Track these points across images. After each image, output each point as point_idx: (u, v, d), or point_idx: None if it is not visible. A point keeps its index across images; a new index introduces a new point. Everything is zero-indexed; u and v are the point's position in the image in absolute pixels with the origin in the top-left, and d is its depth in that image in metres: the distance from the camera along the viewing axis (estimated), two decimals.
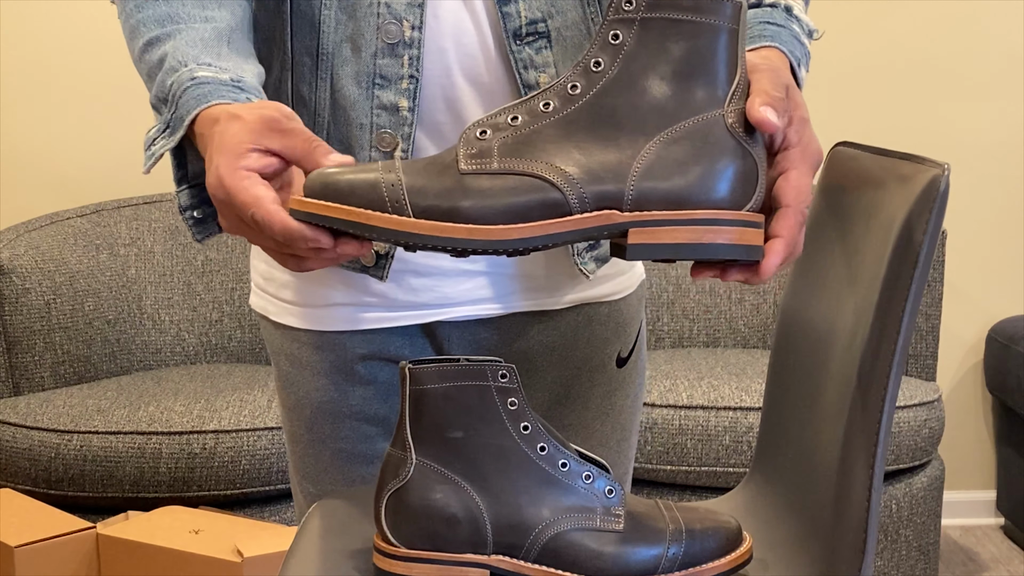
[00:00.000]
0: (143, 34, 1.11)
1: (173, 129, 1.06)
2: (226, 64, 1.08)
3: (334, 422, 1.29)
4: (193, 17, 1.11)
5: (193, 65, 1.06)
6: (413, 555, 1.03)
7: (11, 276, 2.73)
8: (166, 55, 1.08)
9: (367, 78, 1.18)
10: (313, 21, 1.19)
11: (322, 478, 1.32)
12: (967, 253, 3.22)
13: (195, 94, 1.04)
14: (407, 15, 1.17)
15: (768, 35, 1.06)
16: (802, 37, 1.09)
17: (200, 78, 1.05)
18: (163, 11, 1.11)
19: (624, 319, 1.34)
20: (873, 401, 0.98)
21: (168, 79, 1.07)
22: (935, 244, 0.96)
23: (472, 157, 0.94)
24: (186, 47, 1.08)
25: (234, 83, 1.05)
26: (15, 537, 2.25)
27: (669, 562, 1.02)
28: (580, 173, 0.92)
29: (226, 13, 1.13)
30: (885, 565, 2.69)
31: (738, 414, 2.58)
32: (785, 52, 1.05)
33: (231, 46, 1.11)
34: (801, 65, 1.07)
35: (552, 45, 1.20)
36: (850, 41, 3.17)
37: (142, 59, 1.11)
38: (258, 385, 2.66)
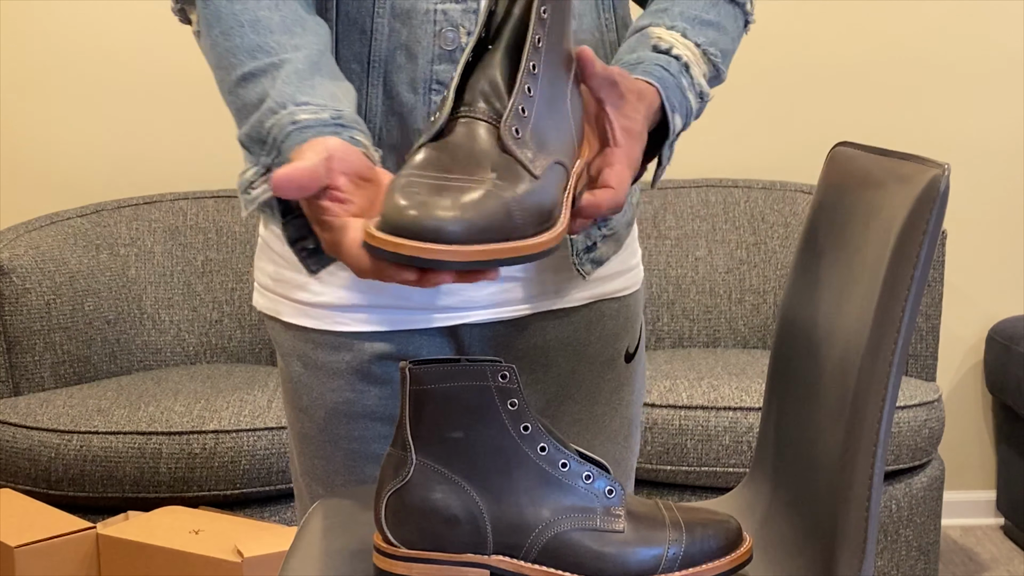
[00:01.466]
0: (236, 67, 1.11)
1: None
2: (322, 97, 1.07)
3: (349, 423, 1.29)
4: (283, 47, 1.10)
5: (292, 107, 1.06)
6: (413, 555, 1.03)
7: (11, 276, 2.73)
8: (265, 95, 1.08)
9: (424, 84, 1.19)
10: (364, 28, 1.19)
11: (333, 479, 1.32)
12: (967, 253, 3.22)
13: (299, 139, 1.03)
14: (463, 21, 1.19)
15: (655, 76, 1.13)
16: (688, 92, 1.16)
17: (301, 122, 1.04)
18: (252, 41, 1.11)
19: (632, 314, 1.37)
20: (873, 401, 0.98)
21: (267, 121, 1.06)
22: (935, 244, 0.96)
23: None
24: (283, 86, 1.07)
25: (335, 121, 1.05)
26: (15, 537, 2.25)
27: (669, 562, 1.02)
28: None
29: (312, 38, 1.13)
30: (885, 565, 2.69)
31: (738, 414, 2.58)
32: (661, 95, 1.12)
33: (323, 72, 1.11)
34: (675, 112, 1.13)
35: None
36: (850, 41, 3.17)
37: (235, 92, 1.11)
38: (258, 385, 2.66)
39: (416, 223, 0.87)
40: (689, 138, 3.26)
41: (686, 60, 1.16)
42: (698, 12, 1.21)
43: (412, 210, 0.87)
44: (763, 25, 3.16)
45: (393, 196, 0.89)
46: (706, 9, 1.22)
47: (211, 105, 3.11)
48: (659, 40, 1.17)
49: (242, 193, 1.08)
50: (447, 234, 0.86)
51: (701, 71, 1.18)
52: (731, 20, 1.25)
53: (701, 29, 1.20)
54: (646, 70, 1.13)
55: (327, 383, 1.29)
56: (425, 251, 0.86)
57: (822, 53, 3.19)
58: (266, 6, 1.13)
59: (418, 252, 0.86)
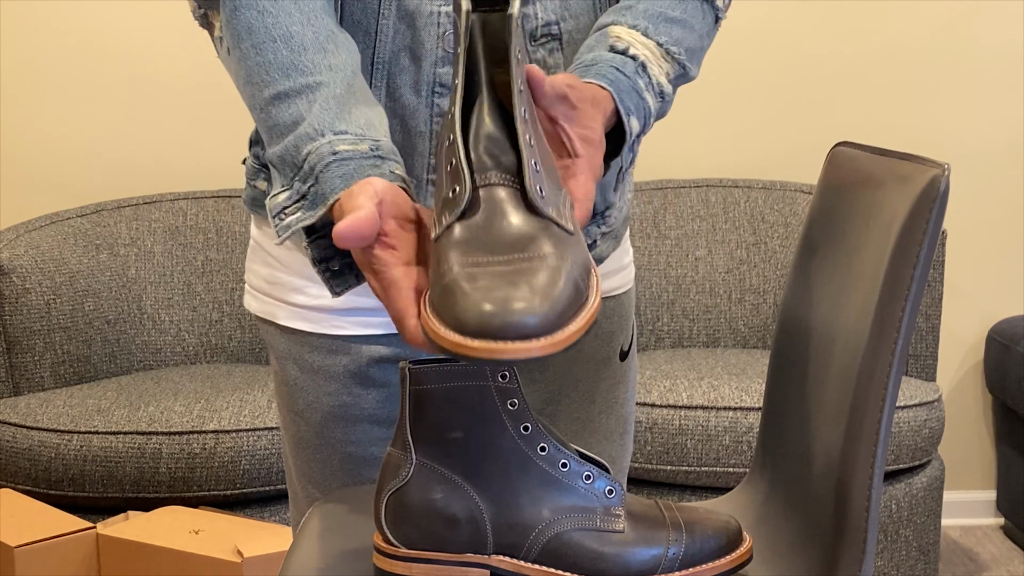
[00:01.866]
0: (268, 84, 1.09)
1: (313, 204, 1.03)
2: (359, 124, 1.06)
3: (346, 426, 1.29)
4: (318, 66, 1.09)
5: (331, 136, 1.05)
6: (413, 555, 1.03)
7: (11, 276, 2.73)
8: (300, 118, 1.07)
9: (427, 86, 1.19)
10: (369, 30, 1.19)
11: (329, 483, 1.31)
12: (967, 253, 3.22)
13: (339, 172, 1.02)
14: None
15: (608, 79, 1.11)
16: (645, 93, 1.13)
17: (342, 153, 1.03)
18: (286, 59, 1.09)
19: (625, 312, 1.38)
20: (873, 401, 0.98)
21: (304, 147, 1.05)
22: (935, 244, 0.96)
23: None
24: (321, 112, 1.06)
25: (374, 153, 1.04)
26: (15, 537, 2.25)
27: (669, 562, 1.02)
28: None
29: (345, 56, 1.11)
30: (885, 565, 2.69)
31: (738, 414, 2.58)
32: (614, 97, 1.10)
33: (358, 96, 1.09)
34: (631, 115, 1.11)
35: (564, 47, 1.23)
36: (850, 41, 3.17)
37: (267, 111, 1.09)
38: (258, 385, 2.66)
39: (501, 323, 0.81)
40: (689, 138, 3.28)
41: (643, 59, 1.15)
42: (663, 9, 1.19)
43: (489, 305, 0.82)
44: (763, 25, 3.17)
45: (462, 292, 0.83)
46: (671, 6, 1.20)
47: (211, 105, 3.12)
48: (616, 39, 1.15)
49: (273, 217, 1.06)
50: (533, 329, 0.81)
51: (662, 70, 1.17)
52: (698, 17, 1.22)
53: (665, 27, 1.18)
54: (600, 72, 1.12)
55: (323, 387, 1.28)
56: (517, 351, 0.82)
57: (822, 53, 3.19)
58: (298, 21, 1.11)
59: (511, 354, 0.81)
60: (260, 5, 1.11)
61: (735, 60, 3.18)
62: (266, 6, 1.11)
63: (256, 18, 1.11)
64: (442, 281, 0.85)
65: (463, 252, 0.87)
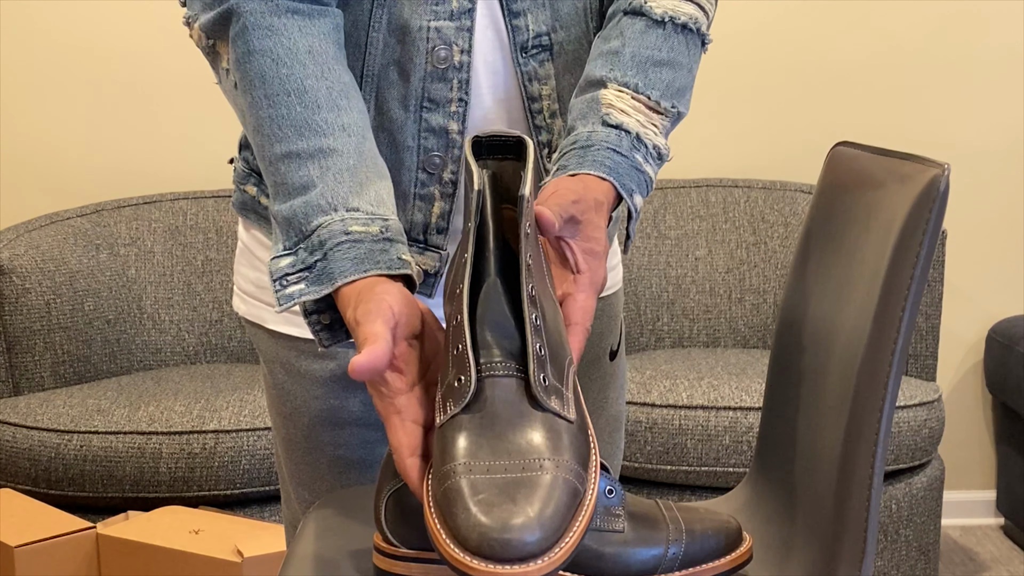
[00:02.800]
0: (281, 140, 1.08)
1: (319, 279, 1.03)
2: (371, 200, 1.05)
3: (333, 430, 1.29)
4: (331, 127, 1.08)
5: (344, 213, 1.04)
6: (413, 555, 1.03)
7: (11, 276, 2.73)
8: (311, 184, 1.06)
9: (415, 101, 1.19)
10: (359, 42, 1.18)
11: (319, 486, 1.31)
12: (967, 253, 3.22)
13: (351, 255, 1.02)
14: (456, 39, 1.18)
15: (609, 165, 1.11)
16: (644, 166, 1.14)
17: (354, 234, 1.03)
18: (300, 116, 1.08)
19: (614, 313, 1.39)
20: (873, 401, 0.98)
21: (314, 218, 1.04)
22: (935, 244, 0.96)
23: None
24: (335, 183, 1.05)
25: (383, 235, 1.03)
26: (15, 537, 2.25)
27: (669, 562, 1.02)
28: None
29: (356, 114, 1.10)
30: (885, 565, 2.69)
31: (738, 414, 2.58)
32: (616, 186, 1.11)
33: (368, 164, 1.08)
34: (634, 194, 1.13)
35: (554, 58, 1.23)
36: (850, 41, 3.17)
37: (276, 167, 1.08)
38: (258, 385, 2.66)
39: (501, 543, 0.84)
40: (689, 138, 3.27)
41: (637, 132, 1.14)
42: (650, 52, 1.18)
43: (489, 522, 0.84)
44: (763, 25, 3.17)
45: (463, 505, 0.86)
46: (658, 46, 1.18)
47: (211, 105, 3.12)
48: (608, 110, 1.15)
49: (274, 281, 1.05)
50: (532, 547, 0.84)
51: (657, 130, 1.16)
52: (684, 52, 1.20)
53: (655, 74, 1.18)
54: (596, 159, 1.12)
55: (311, 391, 1.28)
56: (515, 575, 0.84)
57: (822, 53, 3.19)
58: (313, 74, 1.09)
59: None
60: (275, 53, 1.09)
61: (735, 60, 3.18)
62: (281, 55, 1.09)
63: (270, 67, 1.09)
64: (446, 481, 0.87)
65: (467, 451, 0.89)
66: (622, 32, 1.19)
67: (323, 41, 1.11)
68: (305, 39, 1.10)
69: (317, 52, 1.10)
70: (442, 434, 0.91)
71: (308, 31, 1.11)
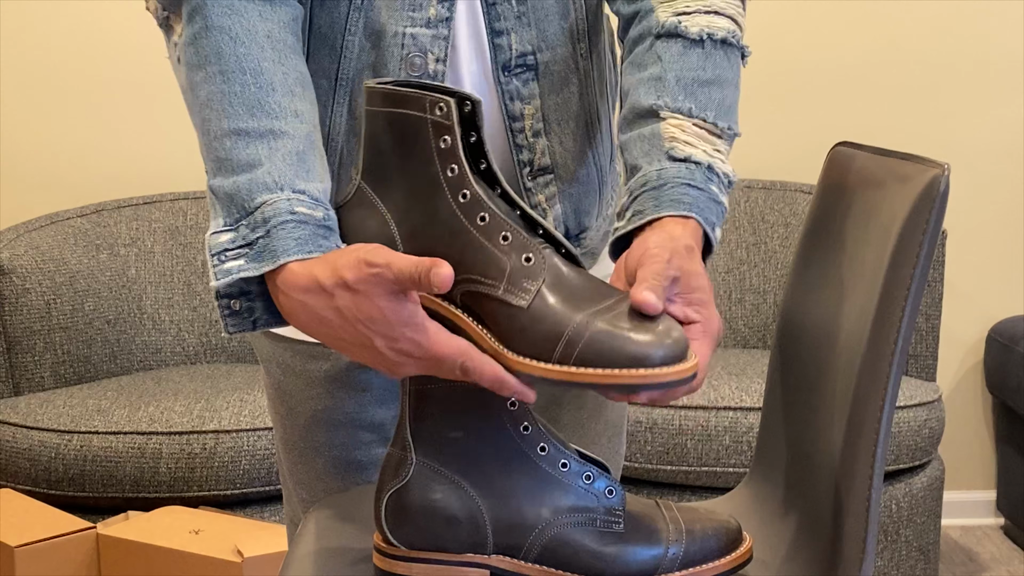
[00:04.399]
0: (230, 116, 1.07)
1: (259, 256, 1.02)
2: (317, 189, 1.05)
3: (328, 430, 1.28)
4: (284, 111, 1.07)
5: (290, 193, 1.03)
6: (413, 555, 1.03)
7: (11, 276, 2.73)
8: (258, 163, 1.05)
9: None
10: (335, 45, 1.17)
11: (316, 485, 1.31)
12: (967, 253, 3.22)
13: (295, 235, 1.01)
14: (432, 47, 1.17)
15: (687, 202, 1.08)
16: (720, 196, 1.11)
17: (300, 215, 1.02)
18: (253, 96, 1.07)
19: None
20: (873, 401, 0.98)
21: (259, 195, 1.03)
22: (935, 244, 0.96)
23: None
24: (283, 165, 1.05)
25: (325, 223, 1.03)
26: (15, 537, 2.25)
27: (669, 562, 1.02)
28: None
29: (308, 104, 1.10)
30: (885, 565, 2.69)
31: (738, 414, 2.58)
32: (700, 221, 1.08)
33: (317, 154, 1.08)
34: (716, 227, 1.11)
35: (539, 78, 1.22)
36: (850, 41, 3.17)
37: (221, 141, 1.07)
38: (258, 385, 2.66)
39: (678, 350, 0.93)
40: None
41: (708, 163, 1.11)
42: (694, 73, 1.14)
43: (656, 338, 0.93)
44: (763, 25, 3.17)
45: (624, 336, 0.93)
46: (701, 66, 1.15)
47: None
48: (673, 144, 1.11)
49: (212, 255, 1.04)
50: (687, 349, 0.95)
51: (721, 154, 1.13)
52: (727, 67, 1.17)
53: (704, 96, 1.14)
54: (673, 197, 1.08)
55: (306, 391, 1.28)
56: (691, 367, 0.94)
57: (822, 53, 3.19)
58: (270, 57, 1.09)
59: (691, 370, 0.94)
60: (234, 31, 1.09)
61: None
62: (239, 34, 1.08)
63: (228, 44, 1.08)
64: (584, 333, 0.93)
65: (578, 307, 0.96)
66: (659, 57, 1.15)
67: (282, 30, 1.11)
68: (265, 24, 1.10)
69: (275, 38, 1.10)
70: (544, 306, 0.95)
71: (268, 17, 1.10)
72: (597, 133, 1.28)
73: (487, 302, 0.97)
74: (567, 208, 1.26)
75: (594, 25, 1.26)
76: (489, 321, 0.98)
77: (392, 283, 0.96)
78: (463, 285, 0.98)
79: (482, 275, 0.97)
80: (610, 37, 1.32)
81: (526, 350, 0.95)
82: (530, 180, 1.23)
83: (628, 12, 1.21)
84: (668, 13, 1.17)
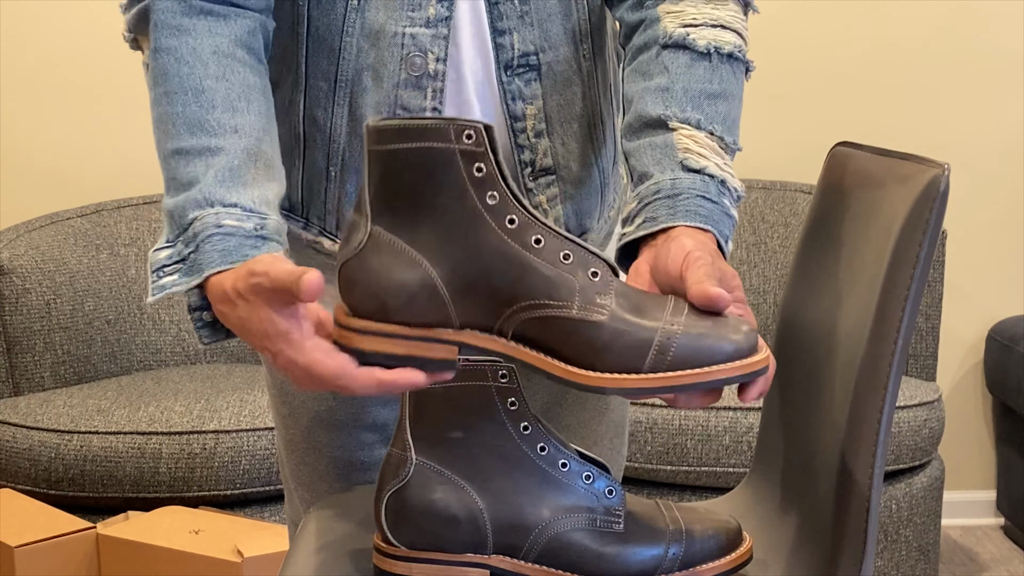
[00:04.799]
0: (172, 136, 1.08)
1: (189, 271, 1.04)
2: (251, 200, 1.05)
3: (331, 431, 1.29)
4: (223, 127, 1.08)
5: (219, 208, 1.04)
6: (413, 555, 1.03)
7: (11, 276, 2.73)
8: (196, 180, 1.06)
9: (388, 108, 1.18)
10: (333, 47, 1.18)
11: (318, 486, 1.31)
12: (967, 253, 3.22)
13: (220, 247, 1.02)
14: (432, 47, 1.17)
15: (703, 214, 1.07)
16: (731, 210, 1.10)
17: (225, 227, 1.03)
18: (194, 114, 1.08)
19: None
20: (873, 401, 0.98)
21: (190, 212, 1.05)
22: (935, 244, 0.96)
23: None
24: (214, 182, 1.05)
25: (256, 232, 1.04)
26: (15, 537, 2.25)
27: (669, 562, 1.02)
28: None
29: (253, 116, 1.10)
30: (885, 565, 2.69)
31: (738, 414, 2.58)
32: (715, 234, 1.07)
33: (259, 164, 1.08)
34: (728, 240, 1.10)
35: (542, 78, 1.21)
36: (850, 41, 3.17)
37: (167, 162, 1.09)
38: (258, 385, 2.66)
39: (756, 336, 0.96)
40: None
41: (722, 177, 1.10)
42: (702, 85, 1.15)
43: (745, 327, 0.96)
44: (763, 25, 3.16)
45: (723, 336, 0.94)
46: (708, 79, 1.15)
47: None
48: (687, 155, 1.10)
49: (152, 271, 1.06)
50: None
51: (731, 169, 1.12)
52: (732, 81, 1.18)
53: (711, 109, 1.14)
54: (688, 208, 1.07)
55: (309, 391, 1.28)
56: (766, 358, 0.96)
57: (822, 53, 3.19)
58: (213, 74, 1.09)
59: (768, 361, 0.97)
60: (179, 52, 1.10)
61: None
62: (184, 54, 1.10)
63: (173, 65, 1.10)
64: (661, 340, 0.93)
65: (645, 315, 0.95)
66: (667, 68, 1.15)
67: (232, 44, 1.11)
68: (212, 40, 1.11)
69: (222, 53, 1.11)
70: (620, 319, 0.94)
71: (218, 32, 1.11)
72: (600, 135, 1.28)
73: (558, 325, 0.93)
74: (568, 209, 1.26)
75: (598, 27, 1.26)
76: (560, 345, 0.93)
77: (271, 292, 0.95)
78: (524, 313, 0.94)
79: (549, 298, 0.93)
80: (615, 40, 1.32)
81: (614, 366, 0.92)
82: (532, 181, 1.23)
83: (633, 20, 1.21)
84: (676, 24, 1.17)
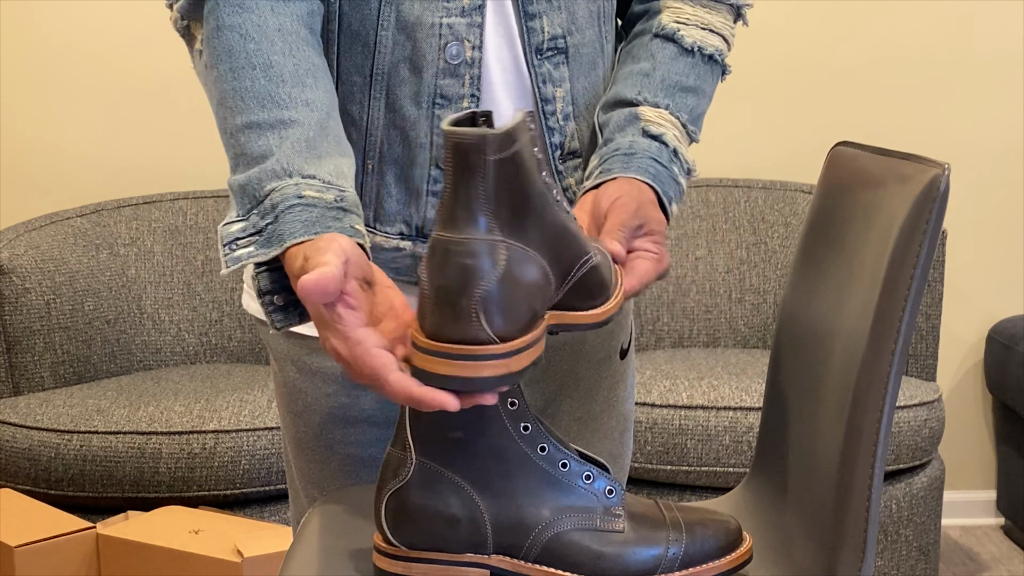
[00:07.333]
0: (242, 111, 1.09)
1: (268, 242, 1.04)
2: (328, 172, 1.06)
3: (344, 427, 1.29)
4: (295, 101, 1.09)
5: (299, 179, 1.05)
6: (413, 555, 1.03)
7: (11, 276, 2.73)
8: (269, 152, 1.07)
9: (427, 98, 1.19)
10: (367, 41, 1.19)
11: (329, 484, 1.31)
12: (967, 253, 3.22)
13: (302, 218, 1.02)
14: (468, 35, 1.19)
15: (652, 173, 1.19)
16: (679, 177, 1.22)
17: (307, 199, 1.04)
18: (263, 88, 1.09)
19: (625, 310, 1.39)
20: (873, 401, 0.98)
21: (268, 183, 1.05)
22: (935, 244, 0.96)
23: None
24: (291, 151, 1.06)
25: (337, 204, 1.04)
26: (15, 537, 2.25)
27: (669, 562, 1.02)
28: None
29: (322, 93, 1.12)
30: (885, 565, 2.69)
31: (738, 414, 2.58)
32: (659, 192, 1.18)
33: (331, 138, 1.10)
34: (672, 202, 1.20)
35: (569, 61, 1.24)
36: (850, 41, 3.17)
37: (236, 137, 1.09)
38: (258, 385, 2.66)
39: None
40: None
41: (674, 147, 1.22)
42: (679, 78, 1.26)
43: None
44: (763, 26, 3.16)
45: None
46: (686, 73, 1.26)
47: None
48: (647, 123, 1.22)
49: (224, 246, 1.06)
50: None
51: (685, 146, 1.24)
52: (708, 81, 1.29)
53: (682, 99, 1.25)
54: (641, 167, 1.18)
55: (322, 388, 1.28)
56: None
57: (822, 53, 3.19)
58: (280, 50, 1.11)
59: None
60: (244, 28, 1.11)
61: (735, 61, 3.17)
62: (249, 30, 1.11)
63: (238, 42, 1.11)
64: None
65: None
66: (653, 55, 1.26)
67: (294, 22, 1.13)
68: (276, 18, 1.12)
69: (287, 31, 1.12)
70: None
71: (280, 11, 1.12)
72: None
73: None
74: None
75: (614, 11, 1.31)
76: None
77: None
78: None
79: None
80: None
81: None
82: (561, 163, 1.25)
83: (639, 9, 1.31)
84: (670, 18, 1.28)
